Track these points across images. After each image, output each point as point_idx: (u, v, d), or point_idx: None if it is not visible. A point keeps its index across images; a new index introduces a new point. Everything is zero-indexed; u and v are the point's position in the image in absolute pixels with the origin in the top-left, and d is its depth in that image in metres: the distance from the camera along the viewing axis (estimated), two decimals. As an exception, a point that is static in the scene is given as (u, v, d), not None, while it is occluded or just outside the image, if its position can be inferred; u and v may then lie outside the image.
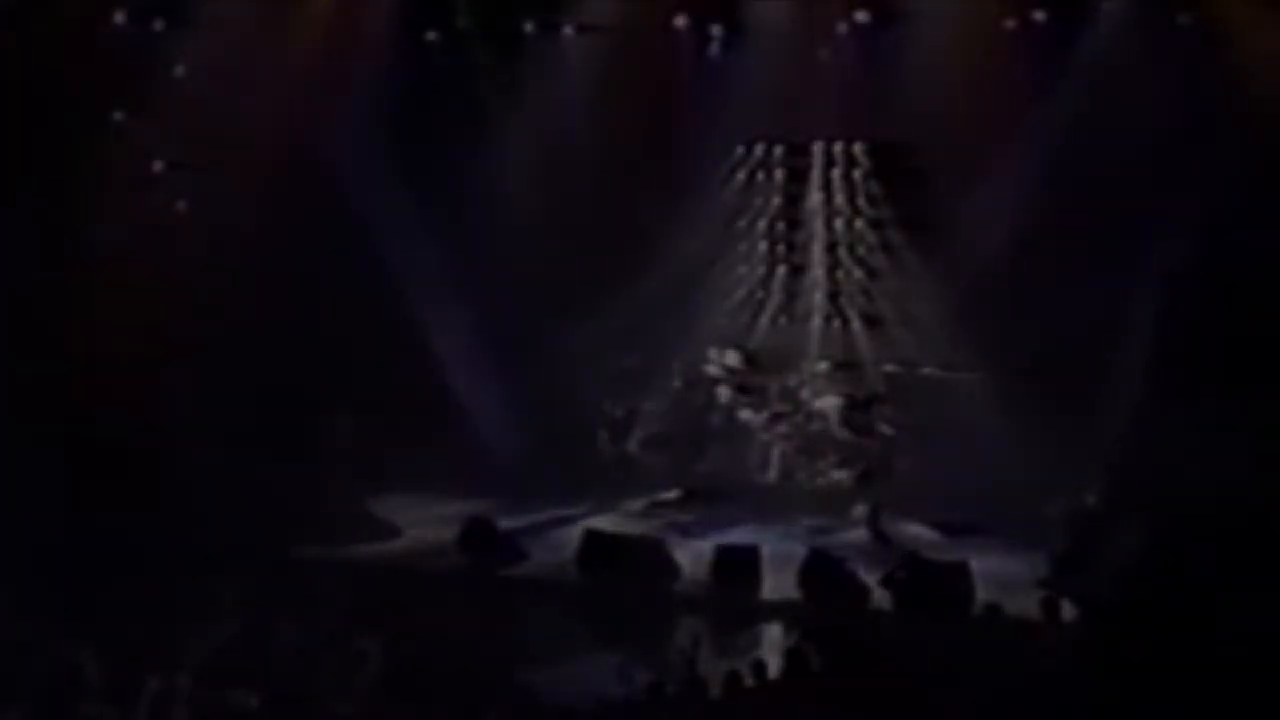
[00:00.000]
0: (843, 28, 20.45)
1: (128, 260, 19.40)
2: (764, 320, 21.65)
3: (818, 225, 21.42)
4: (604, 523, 18.84)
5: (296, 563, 17.71)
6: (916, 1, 20.00)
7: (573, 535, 18.09)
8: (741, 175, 21.53)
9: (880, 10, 20.22)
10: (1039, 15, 19.84)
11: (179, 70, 20.28)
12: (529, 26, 21.36)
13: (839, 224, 21.34)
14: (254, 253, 19.96)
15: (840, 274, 21.42)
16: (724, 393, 21.22)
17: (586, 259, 20.67)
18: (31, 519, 16.71)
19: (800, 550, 17.36)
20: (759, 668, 12.44)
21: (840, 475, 20.52)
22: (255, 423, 19.37)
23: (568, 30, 21.33)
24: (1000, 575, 16.36)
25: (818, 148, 21.31)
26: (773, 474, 20.97)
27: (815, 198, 21.41)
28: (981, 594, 15.67)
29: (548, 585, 17.52)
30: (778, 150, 21.50)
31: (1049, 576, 16.10)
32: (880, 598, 16.37)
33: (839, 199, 21.30)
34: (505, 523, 18.61)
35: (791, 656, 12.48)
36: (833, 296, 21.43)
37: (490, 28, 21.33)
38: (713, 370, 21.23)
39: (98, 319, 19.12)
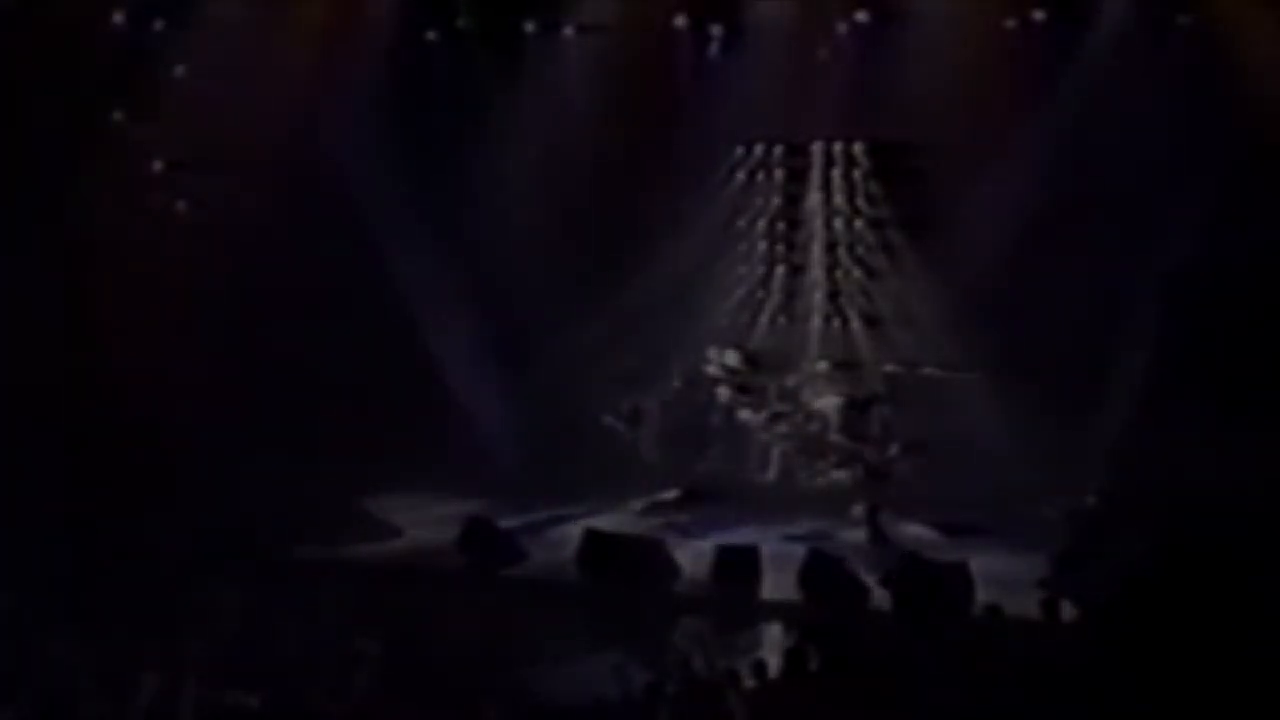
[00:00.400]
0: (843, 28, 20.46)
1: (128, 260, 19.40)
2: (764, 320, 21.66)
3: (817, 225, 21.43)
4: (604, 523, 18.82)
5: (296, 563, 17.72)
6: (916, 1, 20.01)
7: (573, 535, 18.08)
8: (741, 175, 21.54)
9: (880, 10, 20.22)
10: (1039, 15, 19.84)
11: (179, 70, 20.30)
12: (529, 26, 21.37)
13: (839, 224, 21.35)
14: (254, 252, 19.97)
15: (840, 274, 21.43)
16: (724, 393, 21.21)
17: (587, 259, 20.69)
18: (32, 519, 16.72)
19: (800, 550, 17.35)
20: (759, 668, 12.44)
21: (840, 475, 20.51)
22: (255, 422, 19.37)
23: (568, 30, 21.33)
24: (1000, 575, 16.35)
25: (818, 148, 21.32)
26: (773, 474, 20.97)
27: (815, 198, 21.41)
28: (981, 594, 15.67)
29: (548, 585, 17.52)
30: (778, 150, 21.51)
31: (1049, 576, 16.09)
32: (880, 598, 16.37)
33: (839, 199, 21.30)
34: (505, 523, 18.60)
35: (791, 656, 12.48)
36: (832, 296, 21.44)
37: (490, 28, 21.34)
38: (713, 370, 21.22)
39: (97, 319, 19.14)
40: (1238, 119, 18.41)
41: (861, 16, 20.28)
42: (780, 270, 21.65)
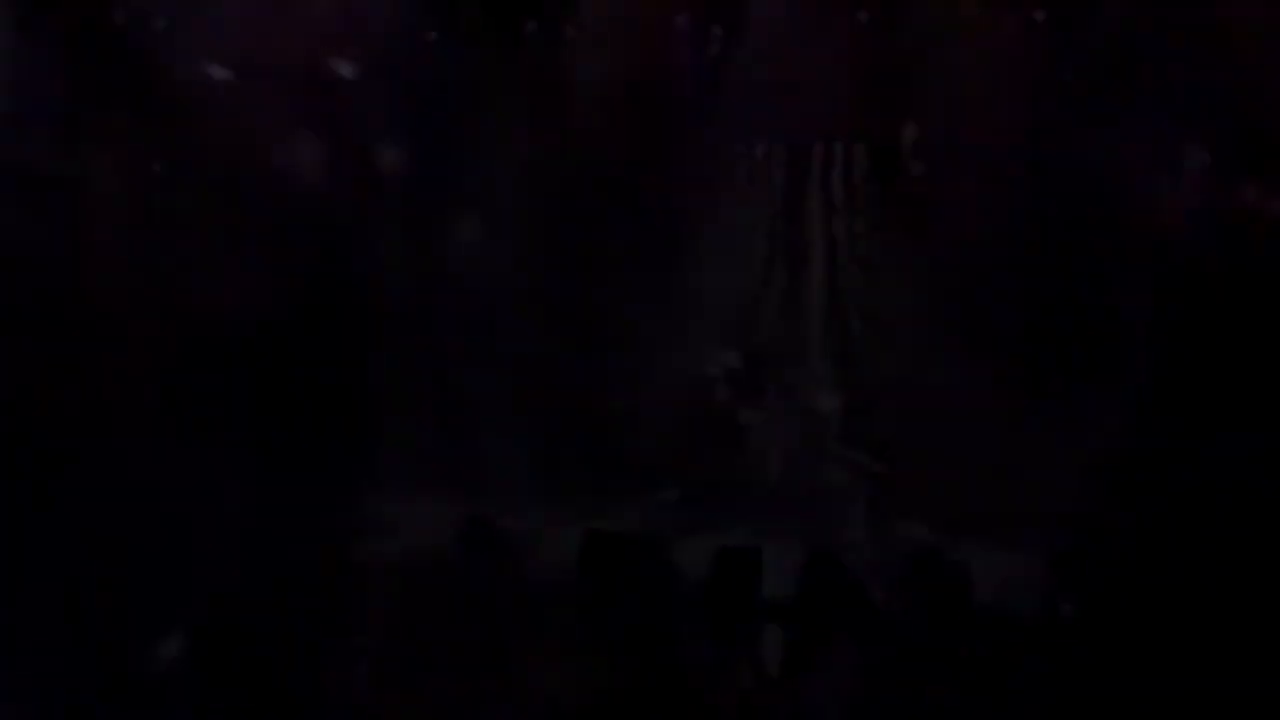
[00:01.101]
0: (843, 28, 20.48)
1: (128, 259, 19.42)
2: (764, 320, 21.67)
3: (817, 225, 21.45)
4: (604, 523, 18.85)
5: (297, 563, 17.73)
6: (917, 1, 20.03)
7: (573, 535, 18.10)
8: (741, 175, 21.56)
9: (880, 10, 20.25)
10: (1039, 15, 19.88)
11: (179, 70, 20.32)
12: (529, 26, 21.39)
13: (839, 224, 21.37)
14: (253, 252, 19.97)
15: (840, 274, 21.44)
16: (724, 393, 21.21)
17: (585, 259, 20.69)
18: (31, 518, 16.73)
19: (800, 550, 17.37)
20: (759, 667, 12.45)
21: (840, 475, 20.52)
22: (255, 422, 19.38)
23: (568, 30, 21.35)
24: (1000, 575, 16.37)
25: (818, 148, 21.35)
26: (773, 474, 20.98)
27: (815, 198, 21.43)
28: (981, 594, 15.68)
29: (548, 585, 17.53)
30: (778, 150, 21.53)
31: (1049, 576, 16.11)
32: (880, 598, 16.38)
33: (839, 199, 21.32)
34: (505, 523, 18.62)
35: (791, 656, 12.49)
36: (832, 296, 21.45)
37: (490, 28, 21.36)
38: (712, 370, 21.23)
39: (98, 320, 19.15)
40: (1238, 118, 18.44)
41: (862, 16, 20.32)
42: (780, 270, 21.67)
